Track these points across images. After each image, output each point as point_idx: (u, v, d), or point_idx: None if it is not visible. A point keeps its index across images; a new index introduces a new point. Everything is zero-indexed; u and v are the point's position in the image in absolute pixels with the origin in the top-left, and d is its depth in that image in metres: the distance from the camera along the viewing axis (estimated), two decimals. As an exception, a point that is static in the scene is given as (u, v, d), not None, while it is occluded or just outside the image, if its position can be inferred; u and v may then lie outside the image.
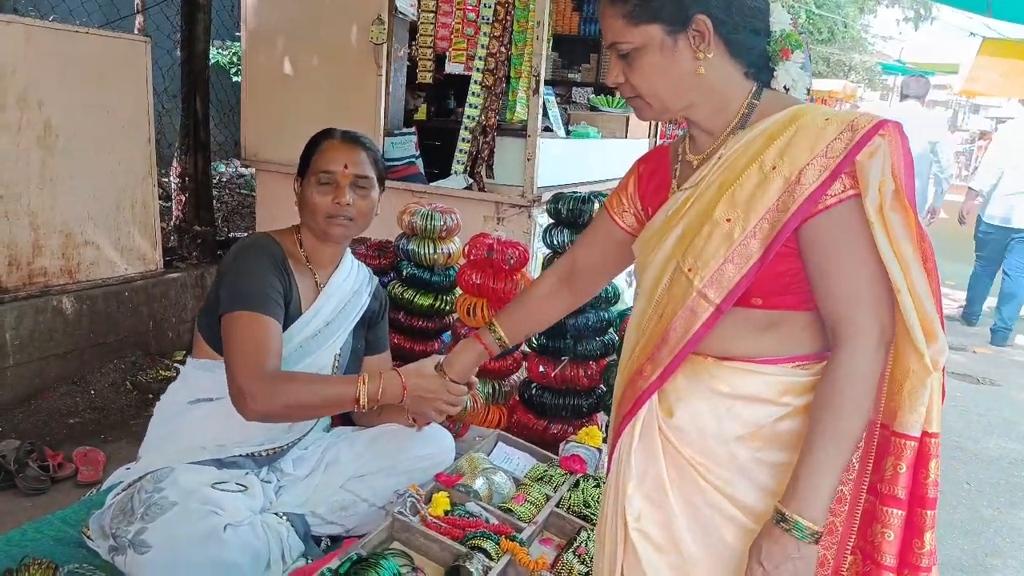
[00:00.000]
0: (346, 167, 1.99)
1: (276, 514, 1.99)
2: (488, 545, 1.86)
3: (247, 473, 1.98)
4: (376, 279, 2.28)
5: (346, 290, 2.12)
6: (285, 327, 1.97)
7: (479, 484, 2.07)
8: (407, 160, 4.29)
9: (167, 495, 1.81)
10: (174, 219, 5.03)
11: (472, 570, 1.76)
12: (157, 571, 1.68)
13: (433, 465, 2.14)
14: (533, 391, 2.71)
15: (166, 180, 5.87)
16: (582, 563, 1.92)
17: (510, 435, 2.49)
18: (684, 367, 1.35)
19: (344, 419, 2.50)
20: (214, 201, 5.34)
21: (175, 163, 4.99)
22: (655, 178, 1.51)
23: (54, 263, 3.93)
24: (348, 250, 2.18)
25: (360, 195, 2.02)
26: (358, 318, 2.16)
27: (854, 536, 1.29)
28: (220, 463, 1.96)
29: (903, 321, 1.20)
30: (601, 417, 2.79)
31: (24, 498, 2.86)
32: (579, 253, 1.74)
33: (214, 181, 5.89)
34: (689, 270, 1.30)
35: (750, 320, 1.30)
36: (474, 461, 2.18)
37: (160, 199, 4.63)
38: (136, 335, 4.24)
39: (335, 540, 2.12)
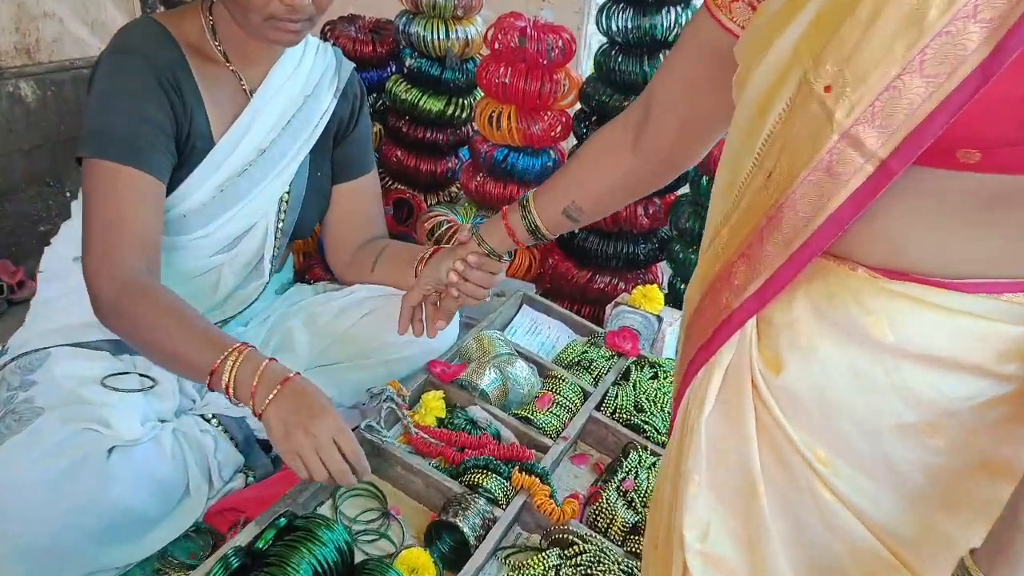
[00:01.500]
0: None
1: (202, 417, 1.43)
2: (493, 483, 1.28)
3: None
4: (347, 65, 1.56)
5: (292, 95, 1.42)
6: (191, 168, 1.33)
7: (489, 380, 1.47)
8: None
9: (33, 396, 1.24)
10: (158, -12, 4.22)
11: (465, 529, 1.19)
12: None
13: (424, 352, 1.54)
14: (575, 231, 2.04)
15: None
16: (628, 506, 1.34)
17: (539, 297, 1.85)
18: (811, 282, 0.74)
19: (313, 267, 1.88)
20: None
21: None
22: None
23: (5, 40, 3.25)
24: None
25: None
26: (315, 135, 1.47)
27: None
28: (119, 346, 1.37)
29: None
30: (663, 269, 2.13)
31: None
32: (659, 83, 1.05)
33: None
34: (827, 88, 0.66)
35: (952, 195, 0.66)
36: (484, 343, 1.57)
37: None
38: (114, 129, 3.59)
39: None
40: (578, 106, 2.01)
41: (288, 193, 1.46)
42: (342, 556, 1.08)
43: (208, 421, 1.42)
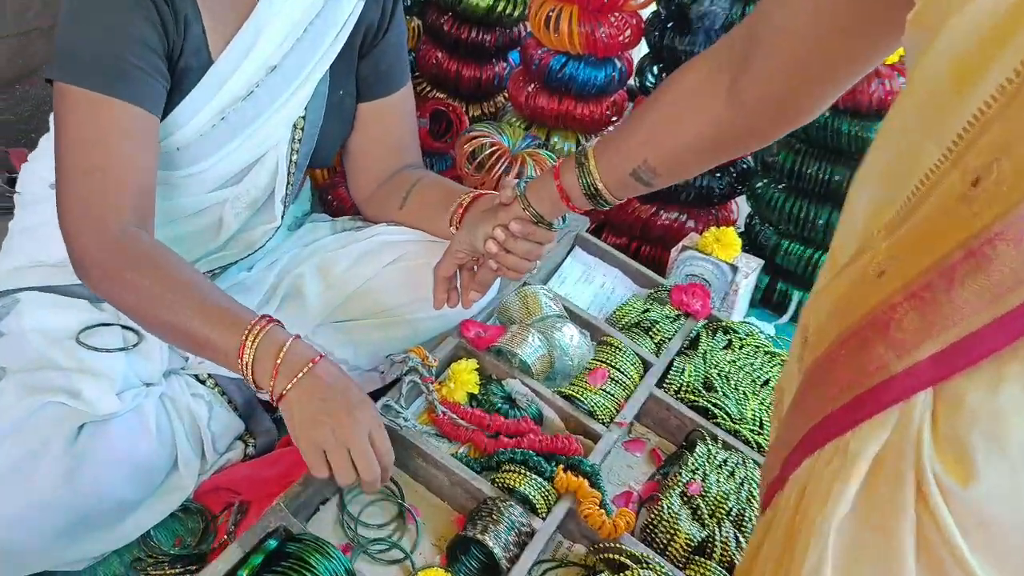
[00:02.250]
0: None
1: (196, 377, 1.21)
2: (531, 487, 1.05)
3: None
4: None
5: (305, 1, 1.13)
6: (184, 92, 1.07)
7: (531, 348, 1.22)
8: None
9: (-3, 355, 1.04)
10: None
11: (496, 549, 0.97)
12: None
13: (455, 311, 1.29)
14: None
15: None
16: (694, 516, 1.11)
17: (594, 239, 1.57)
18: None
19: (338, 186, 1.63)
20: None
21: None
22: None
23: (17, -91, 2.95)
24: None
25: None
26: (337, 46, 1.18)
27: None
28: None
29: None
30: (740, 207, 1.83)
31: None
32: (774, 2, 0.75)
33: None
34: None
35: None
36: (529, 300, 1.31)
37: None
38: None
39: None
40: (653, 7, 1.68)
41: (303, 118, 1.19)
42: (342, 591, 0.87)
43: (202, 382, 1.21)
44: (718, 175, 1.71)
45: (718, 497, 1.15)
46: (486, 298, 1.30)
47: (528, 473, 1.07)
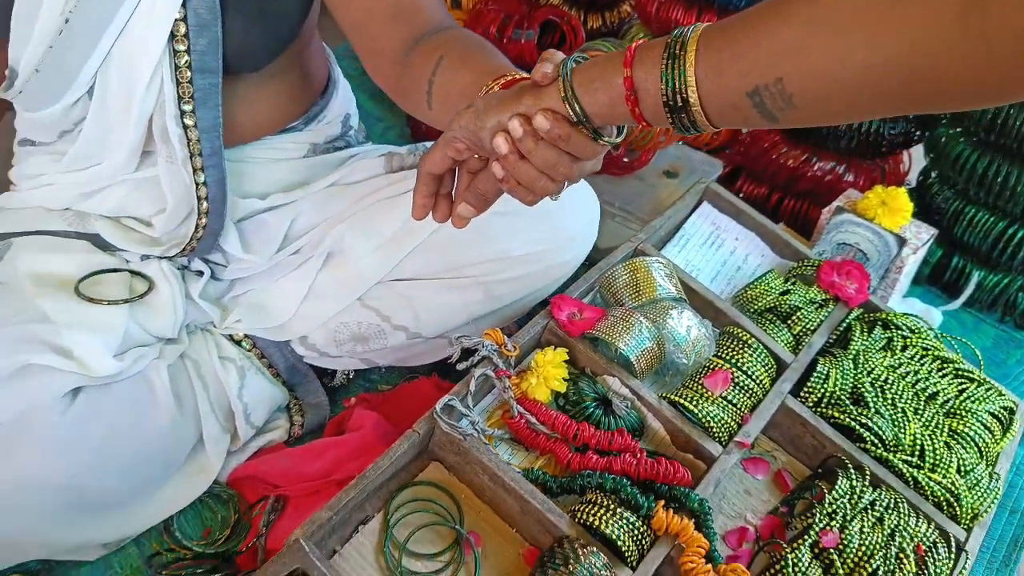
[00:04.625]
0: None
1: (230, 338, 1.03)
2: (620, 528, 0.83)
3: (147, 257, 0.99)
4: None
5: None
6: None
7: (635, 342, 0.97)
8: None
9: (-11, 305, 0.87)
10: None
11: (568, 611, 0.76)
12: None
13: (544, 270, 1.05)
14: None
15: None
16: (827, 579, 0.87)
17: (727, 194, 1.28)
18: None
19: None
20: None
21: None
22: None
23: None
24: None
25: None
26: None
27: None
28: (98, 240, 0.98)
29: None
30: (915, 158, 1.49)
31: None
32: None
33: None
34: None
35: None
36: (639, 273, 1.06)
37: None
38: None
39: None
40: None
41: (184, 16, 0.83)
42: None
43: (238, 344, 1.03)
44: (891, 120, 1.38)
45: (860, 553, 0.90)
46: (574, 261, 1.05)
47: (617, 511, 0.84)
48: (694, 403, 0.97)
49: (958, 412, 1.08)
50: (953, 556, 0.95)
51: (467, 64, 0.80)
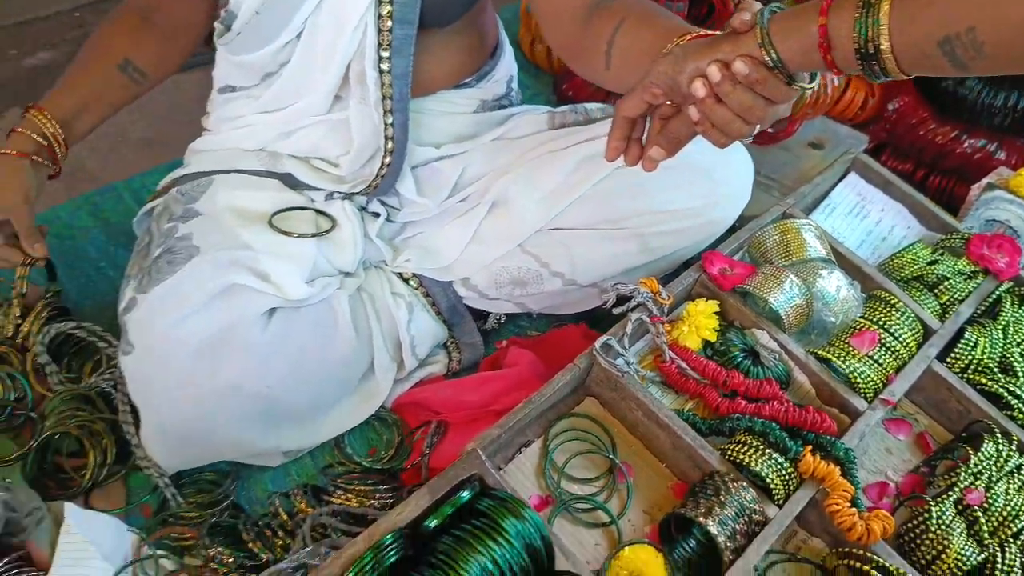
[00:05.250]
0: None
1: (399, 276, 1.12)
2: (769, 467, 0.88)
3: (331, 197, 1.08)
4: None
5: None
6: None
7: (785, 297, 1.01)
8: None
9: (191, 233, 0.97)
10: None
11: (720, 537, 0.81)
12: (138, 392, 0.93)
13: (700, 225, 1.10)
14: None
15: None
16: (969, 532, 0.90)
17: (876, 164, 1.29)
18: None
19: (570, 88, 1.43)
20: None
21: None
22: None
23: None
24: None
25: None
26: None
27: None
28: (292, 178, 1.07)
29: None
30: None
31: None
32: None
33: None
34: None
35: None
36: (789, 235, 1.09)
37: None
38: None
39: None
40: None
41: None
42: (536, 561, 0.75)
43: (406, 281, 1.11)
44: (1049, 96, 1.36)
45: (1005, 512, 0.92)
46: (727, 219, 1.09)
47: (767, 451, 0.89)
48: (841, 359, 1.00)
49: (1110, 388, 1.07)
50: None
51: (649, 25, 0.86)
